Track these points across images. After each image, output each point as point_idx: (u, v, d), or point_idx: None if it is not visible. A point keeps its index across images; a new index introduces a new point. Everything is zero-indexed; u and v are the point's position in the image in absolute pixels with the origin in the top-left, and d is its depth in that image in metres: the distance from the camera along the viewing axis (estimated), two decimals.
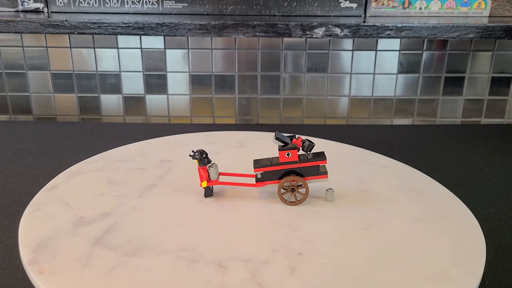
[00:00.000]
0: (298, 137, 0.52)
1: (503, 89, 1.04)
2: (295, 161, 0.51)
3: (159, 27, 0.88)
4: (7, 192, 0.63)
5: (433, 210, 0.52)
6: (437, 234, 0.47)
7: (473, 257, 0.43)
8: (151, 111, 1.04)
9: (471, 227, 0.49)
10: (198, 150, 0.52)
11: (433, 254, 0.43)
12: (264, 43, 1.00)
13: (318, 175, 0.52)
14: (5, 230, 0.53)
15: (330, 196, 0.53)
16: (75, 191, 0.55)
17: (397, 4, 1.01)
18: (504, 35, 0.89)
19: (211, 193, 0.54)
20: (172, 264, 0.41)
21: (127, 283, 0.38)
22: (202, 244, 0.44)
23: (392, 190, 0.57)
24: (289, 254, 0.42)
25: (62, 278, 0.39)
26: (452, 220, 0.50)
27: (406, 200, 0.55)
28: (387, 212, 0.51)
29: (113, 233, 0.46)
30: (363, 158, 0.68)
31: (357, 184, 0.58)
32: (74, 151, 0.79)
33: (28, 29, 0.89)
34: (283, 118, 1.05)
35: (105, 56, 1.01)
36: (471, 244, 0.45)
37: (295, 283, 0.38)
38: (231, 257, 0.42)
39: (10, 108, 1.04)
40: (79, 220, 0.48)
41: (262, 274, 0.39)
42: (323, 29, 0.88)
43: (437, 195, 0.56)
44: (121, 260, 0.41)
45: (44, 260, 0.41)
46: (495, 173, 0.72)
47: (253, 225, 0.47)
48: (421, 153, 0.81)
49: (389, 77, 1.03)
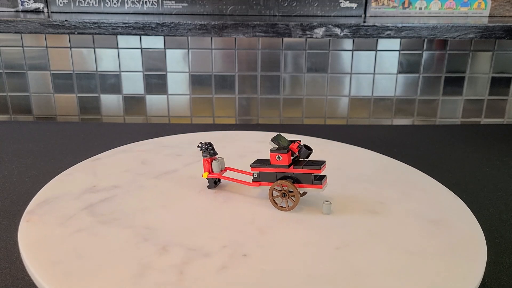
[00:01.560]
0: (297, 141, 0.50)
1: (503, 89, 1.04)
2: (286, 165, 0.50)
3: (159, 27, 0.88)
4: (7, 192, 0.63)
5: (433, 210, 0.52)
6: (437, 234, 0.47)
7: (473, 258, 0.43)
8: (151, 111, 1.04)
9: (471, 227, 0.49)
10: (205, 143, 0.54)
11: (433, 254, 0.43)
12: (264, 43, 1.00)
13: (311, 184, 0.50)
14: (5, 230, 0.53)
15: (326, 209, 0.50)
16: (109, 164, 0.60)
17: (397, 4, 1.01)
18: (504, 35, 0.88)
19: (214, 185, 0.55)
20: (127, 238, 0.43)
21: (78, 243, 0.42)
22: (166, 227, 0.46)
23: (392, 190, 0.57)
24: (235, 254, 0.42)
25: (36, 228, 0.44)
26: (452, 220, 0.50)
27: (406, 200, 0.55)
28: (387, 213, 0.51)
29: (107, 203, 0.50)
30: (363, 158, 0.68)
31: (355, 184, 0.58)
32: (74, 151, 0.79)
33: (28, 29, 0.89)
34: (283, 118, 1.05)
35: (105, 56, 1.01)
36: (471, 244, 0.45)
37: (211, 279, 0.38)
38: (179, 244, 0.43)
39: (10, 108, 1.04)
40: (91, 187, 0.53)
41: (191, 264, 0.40)
42: (323, 29, 0.88)
43: (438, 195, 0.56)
44: (92, 225, 0.45)
45: (39, 213, 0.47)
46: (495, 173, 0.72)
47: (228, 221, 0.48)
48: (421, 153, 0.81)
49: (389, 77, 1.03)
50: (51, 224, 0.46)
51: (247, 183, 0.53)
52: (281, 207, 0.50)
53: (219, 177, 0.54)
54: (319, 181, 0.50)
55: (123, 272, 0.39)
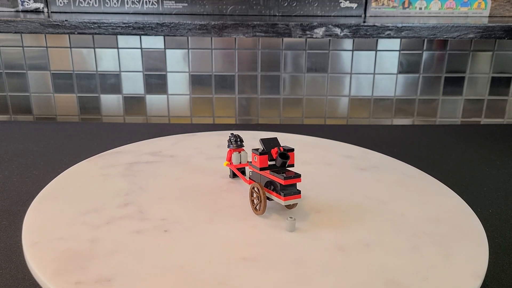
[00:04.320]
0: (281, 148, 0.48)
1: (503, 89, 1.05)
2: (257, 167, 0.48)
3: (159, 27, 0.88)
4: (7, 192, 0.63)
5: (435, 210, 0.52)
6: (439, 234, 0.47)
7: (475, 258, 0.43)
8: (151, 111, 1.04)
9: (473, 227, 0.49)
10: (236, 134, 0.57)
11: (435, 254, 0.43)
12: (264, 43, 1.00)
13: (277, 193, 0.47)
14: (5, 230, 0.53)
15: (289, 226, 0.46)
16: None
17: (397, 4, 1.01)
18: (504, 35, 0.89)
19: (233, 176, 0.59)
20: None
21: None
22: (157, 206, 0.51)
23: (392, 189, 0.57)
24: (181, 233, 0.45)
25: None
26: (454, 220, 0.50)
27: (407, 199, 0.55)
28: (388, 212, 0.51)
29: (133, 177, 0.58)
30: (363, 157, 0.68)
31: (355, 184, 0.58)
32: (74, 151, 0.79)
33: (28, 29, 0.89)
34: (283, 118, 1.05)
35: (105, 56, 1.01)
36: (473, 244, 0.45)
37: (159, 242, 0.43)
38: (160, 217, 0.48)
39: (10, 108, 1.04)
40: (109, 165, 0.61)
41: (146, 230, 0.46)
42: (323, 29, 0.88)
43: (439, 195, 0.56)
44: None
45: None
46: (495, 173, 0.72)
47: (212, 206, 0.51)
48: (421, 153, 0.81)
49: (389, 77, 1.03)
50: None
51: (245, 179, 0.55)
52: (254, 210, 0.49)
53: (235, 169, 0.57)
54: (287, 194, 0.46)
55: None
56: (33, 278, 0.40)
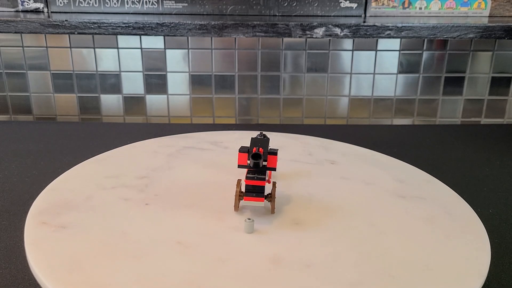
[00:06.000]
0: (260, 149, 0.47)
1: (503, 89, 1.05)
2: (237, 164, 0.49)
3: (159, 27, 0.88)
4: (7, 192, 0.63)
5: (435, 210, 0.52)
6: (440, 234, 0.47)
7: (476, 257, 0.43)
8: (151, 111, 1.04)
9: (474, 226, 0.49)
10: (262, 133, 0.57)
11: (434, 254, 0.43)
12: (264, 43, 1.00)
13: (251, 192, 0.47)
14: (5, 230, 0.53)
15: (247, 227, 0.46)
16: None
17: (397, 4, 1.01)
18: (504, 35, 0.89)
19: None
20: None
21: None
22: None
23: (393, 189, 0.57)
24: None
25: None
26: (454, 220, 0.50)
27: (408, 199, 0.55)
28: (388, 212, 0.51)
29: None
30: (363, 156, 0.68)
31: (355, 184, 0.58)
32: (74, 151, 0.79)
33: (28, 29, 0.89)
34: (283, 118, 1.05)
35: (105, 56, 1.01)
36: (474, 244, 0.45)
37: None
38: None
39: (10, 108, 1.04)
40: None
41: None
42: (323, 29, 0.88)
43: (439, 195, 0.56)
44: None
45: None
46: (495, 173, 0.72)
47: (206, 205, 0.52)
48: (421, 153, 0.81)
49: (389, 77, 1.03)
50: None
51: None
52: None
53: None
54: (247, 195, 0.47)
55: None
56: (33, 278, 0.40)
